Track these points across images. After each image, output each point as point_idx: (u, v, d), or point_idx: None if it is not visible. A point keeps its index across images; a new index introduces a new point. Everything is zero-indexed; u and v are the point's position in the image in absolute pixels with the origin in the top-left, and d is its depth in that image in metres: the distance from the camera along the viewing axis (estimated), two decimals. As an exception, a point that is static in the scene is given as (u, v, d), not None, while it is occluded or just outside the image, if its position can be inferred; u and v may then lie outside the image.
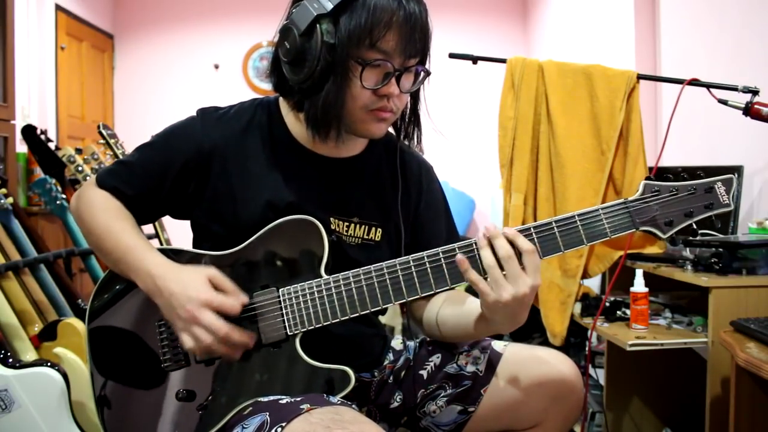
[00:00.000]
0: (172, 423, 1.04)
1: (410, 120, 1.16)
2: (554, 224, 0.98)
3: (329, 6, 0.98)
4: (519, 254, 0.94)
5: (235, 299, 1.00)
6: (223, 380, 1.03)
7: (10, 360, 1.65)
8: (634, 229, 1.00)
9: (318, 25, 0.99)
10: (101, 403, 1.09)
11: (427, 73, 1.08)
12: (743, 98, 1.67)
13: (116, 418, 1.08)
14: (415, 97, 1.15)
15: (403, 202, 1.19)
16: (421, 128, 1.18)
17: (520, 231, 0.98)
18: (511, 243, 0.94)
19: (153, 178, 1.11)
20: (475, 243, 0.98)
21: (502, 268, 0.93)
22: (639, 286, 1.78)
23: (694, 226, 1.01)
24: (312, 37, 0.99)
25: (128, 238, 1.07)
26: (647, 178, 1.01)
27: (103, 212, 1.11)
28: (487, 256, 0.94)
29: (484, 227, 0.97)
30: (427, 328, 1.19)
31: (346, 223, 1.14)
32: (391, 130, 1.17)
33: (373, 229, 1.16)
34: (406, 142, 1.19)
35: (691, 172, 1.03)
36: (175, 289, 0.99)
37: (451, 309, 1.13)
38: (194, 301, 0.97)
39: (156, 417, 1.05)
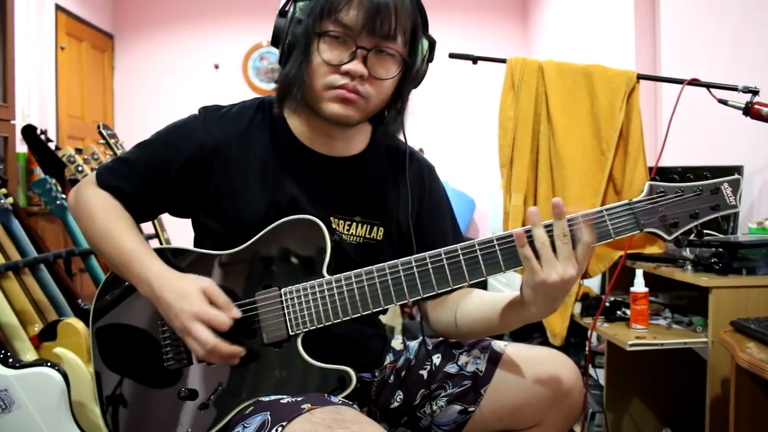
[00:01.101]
0: (174, 422, 1.04)
1: (394, 113, 1.12)
2: None
3: None
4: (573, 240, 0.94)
5: (225, 314, 0.99)
6: (225, 379, 1.04)
7: (10, 360, 1.65)
8: (638, 231, 0.98)
9: (294, 4, 1.03)
10: (104, 401, 1.09)
11: (404, 60, 1.06)
12: (743, 98, 1.67)
13: (119, 416, 1.08)
14: (399, 89, 1.10)
15: (405, 201, 1.19)
16: (402, 121, 1.13)
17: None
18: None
19: (154, 176, 1.11)
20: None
21: (554, 249, 0.93)
22: (639, 286, 1.78)
23: (699, 228, 1.00)
24: (287, 15, 1.04)
25: (128, 243, 1.07)
26: (652, 179, 1.00)
27: (102, 214, 1.10)
28: (540, 234, 0.94)
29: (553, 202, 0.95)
30: (445, 327, 1.17)
31: (348, 222, 1.13)
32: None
33: (375, 228, 1.15)
34: (399, 136, 1.16)
35: (697, 173, 1.02)
36: (170, 300, 0.99)
37: (474, 303, 1.13)
38: (186, 312, 0.98)
39: (158, 416, 1.05)
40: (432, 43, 1.10)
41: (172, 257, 1.09)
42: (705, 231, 1.79)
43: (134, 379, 1.09)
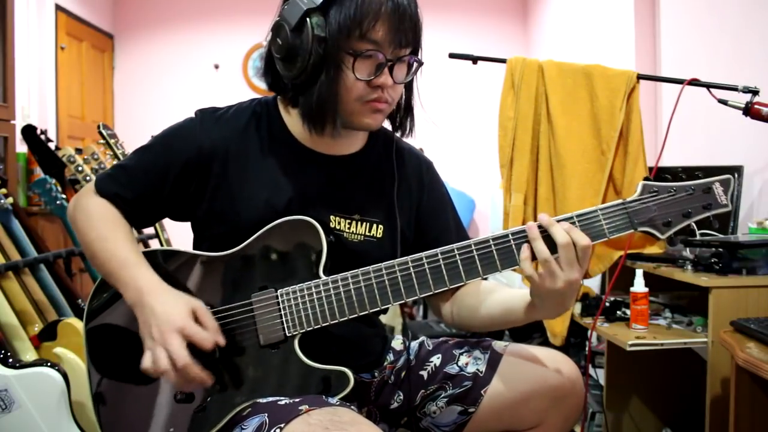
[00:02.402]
0: (170, 424, 1.04)
1: (405, 112, 1.16)
2: None
3: (318, 0, 0.99)
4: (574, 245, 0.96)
5: (210, 336, 0.98)
6: (221, 382, 1.03)
7: (10, 360, 1.65)
8: (632, 230, 1.00)
9: (308, 20, 1.00)
10: (99, 404, 1.09)
11: (420, 64, 1.08)
12: (743, 98, 1.67)
13: (115, 419, 1.08)
14: (408, 88, 1.15)
15: (404, 198, 1.19)
16: (414, 120, 1.17)
17: (518, 232, 0.99)
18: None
19: (154, 180, 1.11)
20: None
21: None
22: (639, 286, 1.78)
23: (693, 227, 1.01)
24: (303, 31, 1.01)
25: (122, 252, 1.06)
26: (645, 179, 1.02)
27: (98, 223, 1.10)
28: (542, 249, 0.96)
29: (539, 217, 0.98)
30: (449, 320, 1.19)
31: (348, 221, 1.13)
32: (386, 124, 1.17)
33: (375, 225, 1.15)
34: (399, 134, 1.18)
35: (690, 173, 1.03)
36: (157, 308, 0.98)
37: (480, 301, 1.14)
38: (170, 324, 0.96)
39: (155, 419, 1.05)
40: None
41: (168, 259, 1.09)
42: (705, 231, 1.79)
43: (129, 382, 1.08)
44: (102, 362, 1.10)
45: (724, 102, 1.70)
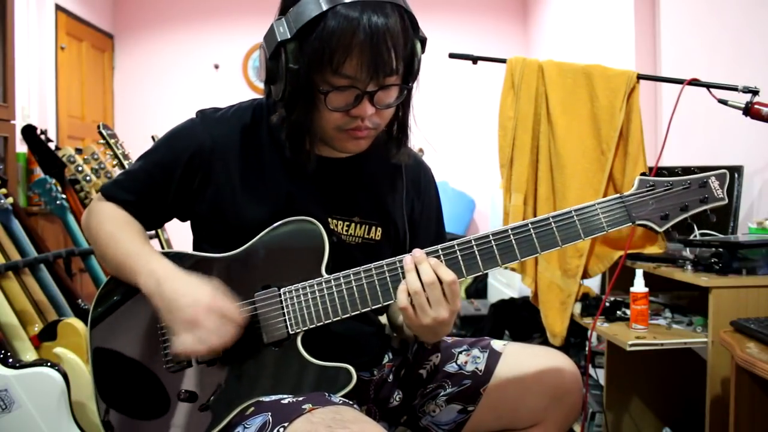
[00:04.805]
0: (174, 423, 1.04)
1: (397, 133, 1.12)
2: (551, 220, 1.00)
3: (293, 31, 0.97)
4: (440, 282, 0.96)
5: (237, 310, 1.00)
6: (224, 380, 1.04)
7: (10, 360, 1.65)
8: (630, 223, 1.01)
9: (282, 51, 0.98)
10: (103, 404, 1.09)
11: (407, 88, 1.04)
12: (743, 98, 1.67)
13: (118, 418, 1.08)
14: (403, 106, 1.09)
15: (402, 202, 1.19)
16: (407, 140, 1.14)
17: (517, 227, 0.99)
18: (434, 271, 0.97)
19: (159, 181, 1.12)
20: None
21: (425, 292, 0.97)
22: (639, 286, 1.78)
23: (690, 221, 1.02)
24: (278, 62, 0.99)
25: (133, 244, 1.07)
26: (642, 174, 1.03)
27: (109, 221, 1.12)
28: (413, 280, 0.97)
29: (413, 252, 0.99)
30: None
31: (347, 223, 1.14)
32: None
33: (374, 228, 1.16)
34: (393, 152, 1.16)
35: (688, 171, 1.04)
36: (180, 293, 0.99)
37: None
38: (200, 304, 0.97)
39: (158, 418, 1.05)
40: (423, 41, 1.06)
41: (172, 260, 1.09)
42: (704, 231, 1.79)
43: (133, 382, 1.08)
44: (106, 363, 1.10)
45: (724, 102, 1.70)
